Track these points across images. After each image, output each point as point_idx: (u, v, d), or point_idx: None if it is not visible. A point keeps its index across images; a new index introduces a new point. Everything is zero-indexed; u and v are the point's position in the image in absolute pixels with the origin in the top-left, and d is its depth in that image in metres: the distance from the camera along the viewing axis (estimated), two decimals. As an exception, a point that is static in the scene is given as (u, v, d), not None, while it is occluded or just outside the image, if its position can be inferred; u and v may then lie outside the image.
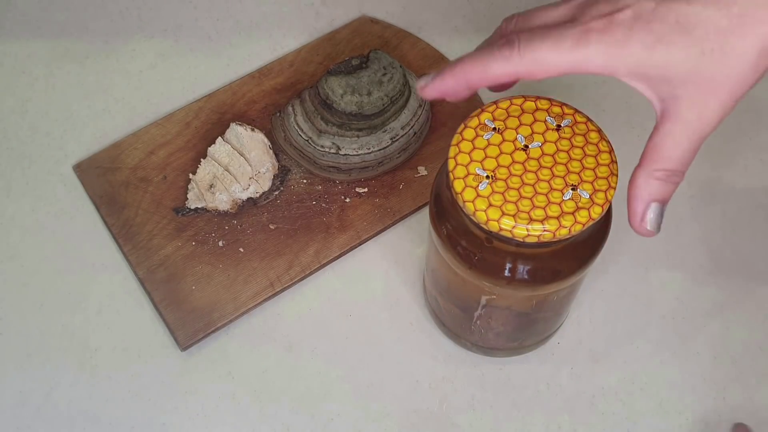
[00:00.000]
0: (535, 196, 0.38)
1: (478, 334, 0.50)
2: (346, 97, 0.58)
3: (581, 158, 0.39)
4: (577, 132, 0.39)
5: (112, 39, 0.67)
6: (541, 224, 0.37)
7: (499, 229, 0.38)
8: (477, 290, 0.44)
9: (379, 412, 0.51)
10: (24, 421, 0.51)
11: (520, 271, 0.41)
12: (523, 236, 0.37)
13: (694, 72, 0.34)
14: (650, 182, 0.36)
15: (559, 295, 0.45)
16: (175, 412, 0.51)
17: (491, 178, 0.38)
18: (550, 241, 0.38)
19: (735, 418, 0.50)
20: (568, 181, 0.38)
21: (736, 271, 0.56)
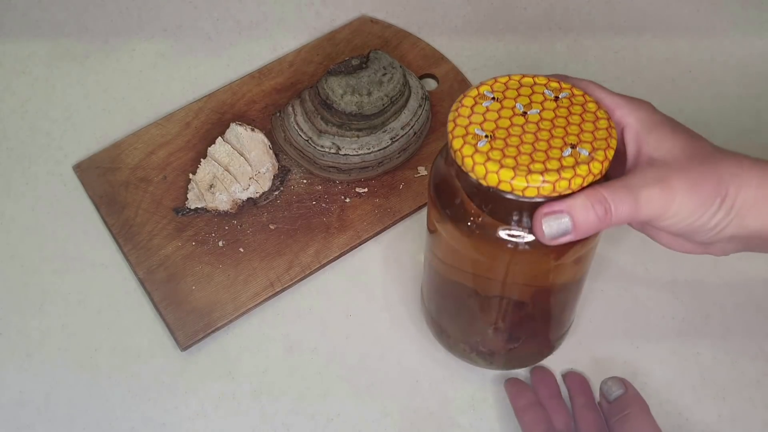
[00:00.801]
0: (534, 153, 0.38)
1: (489, 337, 0.49)
2: (346, 97, 0.58)
3: (579, 123, 0.39)
4: (575, 103, 0.40)
5: (112, 39, 0.67)
6: (541, 176, 0.37)
7: (498, 181, 0.37)
8: (488, 270, 0.44)
9: (379, 412, 0.51)
10: (24, 421, 0.51)
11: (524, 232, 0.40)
12: (522, 188, 0.37)
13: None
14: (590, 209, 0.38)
15: (570, 272, 0.44)
16: (175, 412, 0.51)
17: (490, 137, 0.38)
18: (550, 195, 0.37)
19: (735, 419, 0.50)
20: (567, 140, 0.38)
21: (736, 271, 0.56)
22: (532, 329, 0.50)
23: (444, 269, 0.47)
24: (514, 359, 0.51)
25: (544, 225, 0.38)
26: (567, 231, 0.38)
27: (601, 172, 0.38)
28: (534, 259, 0.42)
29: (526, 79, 0.41)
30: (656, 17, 0.70)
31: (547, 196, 0.38)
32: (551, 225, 0.38)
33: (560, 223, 0.38)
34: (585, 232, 0.38)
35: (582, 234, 0.38)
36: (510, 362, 0.51)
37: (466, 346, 0.50)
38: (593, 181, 0.38)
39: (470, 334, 0.50)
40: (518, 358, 0.51)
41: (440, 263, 0.47)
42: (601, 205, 0.38)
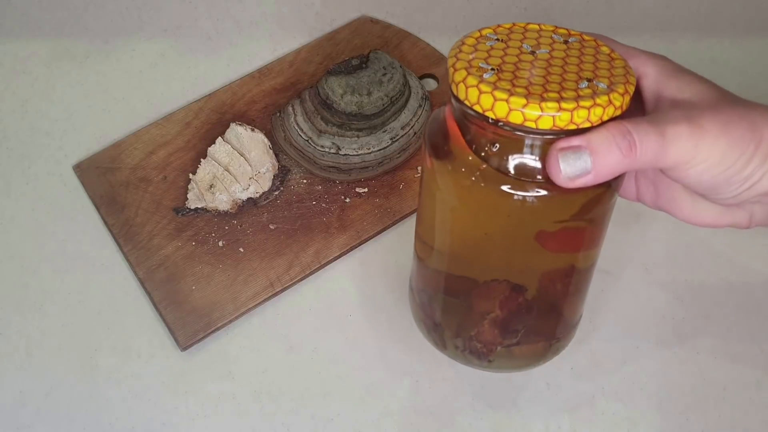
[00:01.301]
0: (546, 84, 0.34)
1: (485, 329, 0.45)
2: (346, 97, 0.58)
3: (593, 62, 0.36)
4: (586, 46, 0.37)
5: (112, 39, 0.67)
6: (557, 104, 0.33)
7: (507, 111, 0.33)
8: (491, 239, 0.40)
9: (379, 412, 0.51)
10: (24, 421, 0.51)
11: (535, 169, 0.36)
12: (535, 117, 0.33)
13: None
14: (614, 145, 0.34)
15: (582, 240, 0.40)
16: (175, 412, 0.51)
17: (497, 70, 0.34)
18: (567, 127, 0.33)
19: (735, 419, 0.50)
20: (582, 75, 0.35)
21: (737, 271, 0.56)
22: (533, 323, 0.45)
23: (440, 244, 0.43)
24: (512, 359, 0.47)
25: (560, 161, 0.33)
26: (586, 169, 0.33)
27: (622, 107, 0.34)
28: (545, 216, 0.37)
29: (532, 25, 0.38)
30: (656, 17, 0.70)
31: (564, 129, 0.33)
32: (569, 161, 0.33)
33: (579, 159, 0.33)
34: (606, 172, 0.34)
35: (603, 174, 0.34)
36: (508, 363, 0.47)
37: (460, 341, 0.46)
38: (614, 115, 0.34)
39: (464, 326, 0.46)
40: (517, 358, 0.47)
41: (436, 238, 0.43)
42: (625, 138, 0.33)
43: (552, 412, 0.51)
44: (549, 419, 0.51)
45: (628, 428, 0.51)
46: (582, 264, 0.42)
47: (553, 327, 0.46)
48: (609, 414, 0.51)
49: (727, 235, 0.57)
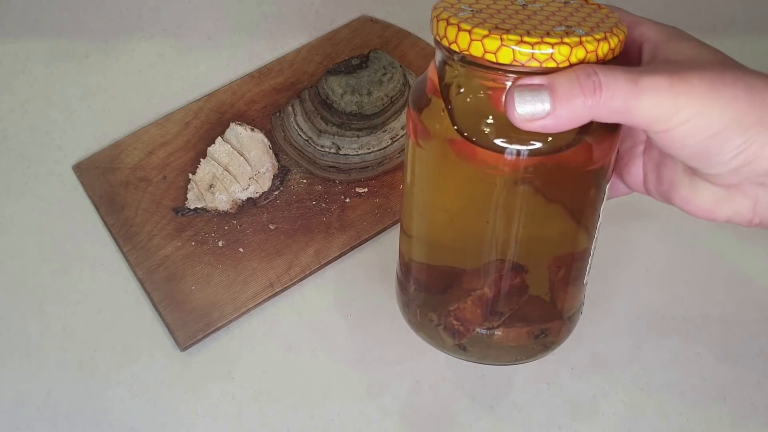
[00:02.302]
0: (519, 25, 0.32)
1: (467, 306, 0.40)
2: (346, 96, 0.58)
3: (584, 16, 0.34)
4: (586, 6, 0.35)
5: (112, 39, 0.67)
6: (519, 37, 0.31)
7: (469, 42, 0.31)
8: (474, 201, 0.37)
9: (379, 412, 0.51)
10: (24, 421, 0.51)
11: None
12: (495, 48, 0.31)
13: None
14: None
15: (583, 193, 0.37)
16: (175, 412, 0.51)
17: (474, 12, 0.33)
18: (529, 65, 0.31)
19: (736, 419, 0.50)
20: (563, 23, 0.33)
21: (737, 271, 0.56)
22: (523, 306, 0.40)
23: (422, 208, 0.40)
24: (490, 348, 0.41)
25: (517, 99, 0.31)
26: (545, 110, 0.31)
27: (596, 53, 0.32)
28: (521, 170, 0.34)
29: None
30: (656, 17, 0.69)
31: (525, 65, 0.31)
32: (525, 99, 0.31)
33: (537, 98, 0.31)
34: (567, 116, 0.31)
35: (563, 117, 0.31)
36: (484, 351, 0.41)
37: (435, 315, 0.42)
38: (585, 60, 0.32)
39: (445, 299, 0.41)
40: (495, 347, 0.41)
41: (419, 200, 0.40)
42: (589, 78, 0.30)
43: (552, 412, 0.51)
44: (549, 419, 0.51)
45: (628, 428, 0.51)
46: (573, 239, 0.39)
47: (540, 313, 0.41)
48: (609, 414, 0.51)
49: (727, 234, 0.57)
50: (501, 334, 0.41)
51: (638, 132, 0.40)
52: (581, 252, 0.40)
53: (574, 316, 0.44)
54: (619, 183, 0.42)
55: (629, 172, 0.40)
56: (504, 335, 0.41)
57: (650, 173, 0.39)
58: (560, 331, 0.43)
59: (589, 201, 0.38)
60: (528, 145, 0.34)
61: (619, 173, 0.41)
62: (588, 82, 0.31)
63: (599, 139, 0.35)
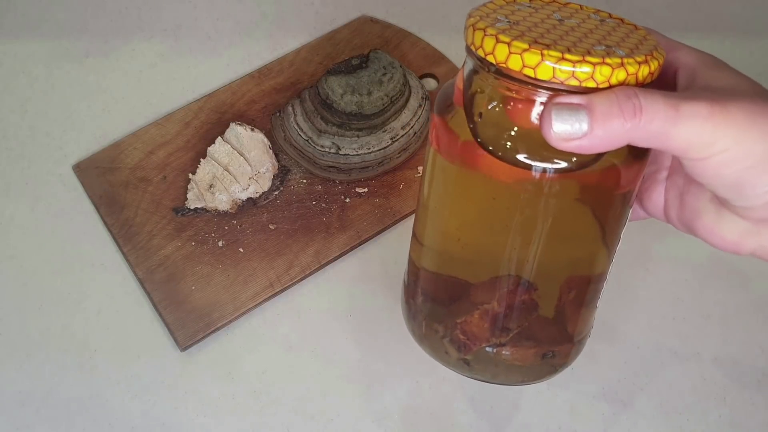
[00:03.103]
0: (559, 41, 0.31)
1: (474, 319, 0.39)
2: (346, 96, 0.58)
3: (622, 36, 0.33)
4: (622, 26, 0.34)
5: (111, 39, 0.67)
6: (560, 54, 0.30)
7: (507, 54, 0.30)
8: (493, 215, 0.36)
9: (379, 412, 0.51)
10: (24, 421, 0.51)
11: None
12: (535, 63, 0.30)
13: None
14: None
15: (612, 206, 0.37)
16: (175, 412, 0.51)
17: (512, 23, 0.32)
18: (568, 82, 0.30)
19: (736, 419, 0.50)
20: (602, 42, 0.32)
21: (737, 271, 0.56)
22: (532, 325, 0.40)
23: (438, 216, 0.39)
24: (499, 367, 0.40)
25: (554, 116, 0.30)
26: (582, 130, 0.30)
27: (637, 76, 0.31)
28: (551, 192, 0.34)
29: (572, 5, 0.36)
30: (656, 17, 0.70)
31: (565, 83, 0.30)
32: (563, 117, 0.30)
33: (575, 118, 0.30)
34: (603, 136, 0.30)
35: (599, 138, 0.30)
36: (494, 370, 0.40)
37: (441, 327, 0.41)
38: (625, 82, 0.31)
39: (452, 311, 0.41)
40: (505, 366, 0.40)
41: (435, 208, 0.39)
42: (629, 100, 0.30)
43: (552, 412, 0.51)
44: (549, 419, 0.51)
45: (628, 428, 0.51)
46: (591, 262, 0.39)
47: (549, 334, 0.41)
48: (609, 414, 0.51)
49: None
50: (507, 352, 0.40)
51: (663, 157, 0.39)
52: (597, 275, 0.39)
53: (584, 338, 0.43)
54: (638, 208, 0.41)
55: (650, 198, 0.40)
56: (511, 354, 0.40)
57: (672, 200, 0.39)
58: (569, 353, 0.42)
59: (611, 224, 0.37)
60: (554, 164, 0.33)
61: (640, 198, 0.40)
62: (628, 104, 0.30)
63: (628, 163, 0.35)
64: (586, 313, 0.41)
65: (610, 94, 0.30)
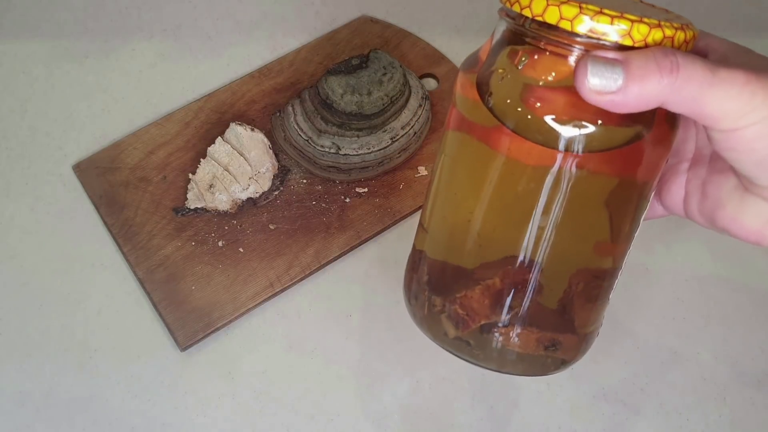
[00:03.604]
0: (609, 7, 0.31)
1: (474, 294, 0.37)
2: (346, 96, 0.58)
3: (659, 12, 0.33)
4: (665, 13, 0.34)
5: (111, 39, 0.67)
6: (598, 8, 0.30)
7: (545, 6, 0.30)
8: (539, 164, 0.34)
9: (379, 412, 0.51)
10: (24, 421, 0.51)
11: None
12: (572, 15, 0.30)
13: None
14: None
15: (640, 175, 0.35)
16: (175, 412, 0.51)
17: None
18: (604, 37, 0.30)
19: (736, 419, 0.50)
20: (646, 13, 0.32)
21: (737, 271, 0.56)
22: (533, 310, 0.37)
23: (448, 193, 0.38)
24: (500, 352, 0.38)
25: (590, 68, 0.30)
26: (616, 84, 0.30)
27: (673, 40, 0.31)
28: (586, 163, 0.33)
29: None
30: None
31: (602, 38, 0.30)
32: (598, 70, 0.30)
33: (610, 71, 0.30)
34: (637, 95, 0.30)
35: (633, 95, 0.30)
36: (494, 355, 0.38)
37: (440, 300, 0.39)
38: (661, 43, 0.31)
39: (452, 286, 0.39)
40: (505, 352, 0.38)
41: (446, 184, 0.38)
42: (667, 57, 0.29)
43: (552, 412, 0.51)
44: (549, 419, 0.51)
45: (628, 428, 0.51)
46: (608, 257, 0.37)
47: (554, 323, 0.38)
48: (609, 414, 0.51)
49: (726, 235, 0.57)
50: (509, 335, 0.38)
51: (685, 148, 0.38)
52: (609, 270, 0.38)
53: (591, 335, 0.40)
54: (655, 204, 0.40)
55: (669, 190, 0.39)
56: (511, 338, 0.38)
57: (693, 192, 0.38)
58: (573, 347, 0.39)
59: (630, 213, 0.36)
60: (581, 128, 0.32)
61: (659, 192, 0.39)
62: (665, 60, 0.29)
63: (654, 139, 0.34)
64: (594, 308, 0.39)
65: (647, 52, 0.30)
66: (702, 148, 0.38)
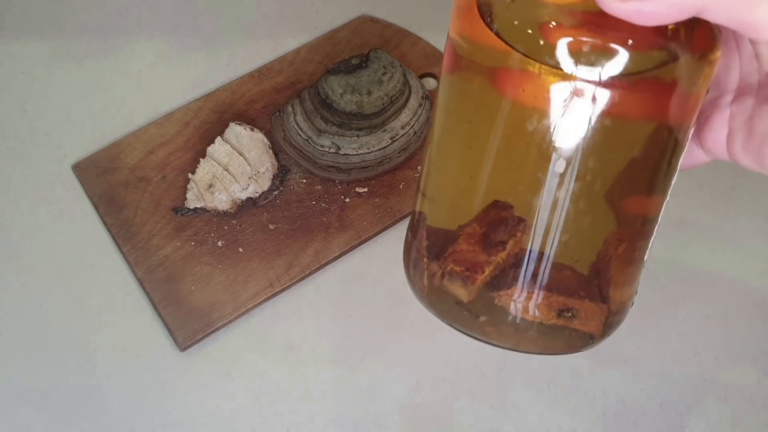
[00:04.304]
0: None
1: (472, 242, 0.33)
2: (345, 96, 0.58)
3: None
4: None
5: (111, 39, 0.67)
6: None
7: None
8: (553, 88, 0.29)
9: (379, 412, 0.51)
10: (24, 421, 0.51)
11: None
12: None
13: None
14: None
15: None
16: (175, 412, 0.51)
17: None
18: None
19: (736, 420, 0.50)
20: None
21: (737, 271, 0.56)
22: (553, 275, 0.32)
23: (448, 146, 0.34)
24: (511, 321, 0.33)
25: None
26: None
27: None
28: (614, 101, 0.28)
29: None
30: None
31: None
32: None
33: None
34: (670, 1, 0.25)
35: (665, 3, 0.25)
36: (505, 327, 0.33)
37: (436, 265, 0.35)
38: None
39: (442, 248, 0.35)
40: (515, 320, 0.33)
41: (444, 133, 0.34)
42: None
43: (552, 412, 0.51)
44: (549, 419, 0.51)
45: (628, 428, 0.51)
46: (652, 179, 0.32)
47: (569, 286, 0.33)
48: (609, 414, 0.51)
49: (727, 234, 0.57)
50: (524, 302, 0.33)
51: (727, 79, 0.34)
52: (644, 227, 0.33)
53: (618, 308, 0.35)
54: (694, 148, 0.35)
55: (711, 129, 0.34)
56: (521, 302, 0.33)
57: (738, 128, 0.33)
58: (593, 316, 0.34)
59: (666, 155, 0.31)
60: (603, 52, 0.27)
61: (698, 133, 0.35)
62: None
63: (691, 63, 0.29)
64: (624, 272, 0.34)
65: None
66: (748, 76, 0.33)
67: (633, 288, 0.36)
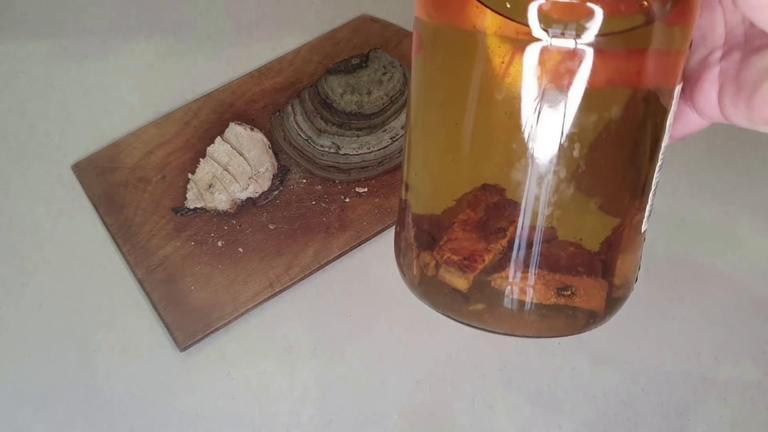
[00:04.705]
0: None
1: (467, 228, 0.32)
2: (345, 96, 0.58)
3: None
4: None
5: (111, 39, 0.67)
6: None
7: None
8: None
9: (379, 412, 0.51)
10: (23, 421, 0.51)
11: None
12: None
13: None
14: None
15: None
16: (175, 412, 0.51)
17: None
18: None
19: (736, 420, 0.50)
20: None
21: (737, 271, 0.56)
22: (552, 251, 0.31)
23: (425, 124, 0.32)
24: (507, 303, 0.31)
25: None
26: None
27: None
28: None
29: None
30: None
31: None
32: None
33: None
34: None
35: None
36: (500, 309, 0.32)
37: (429, 255, 0.33)
38: None
39: (435, 237, 0.33)
40: (512, 302, 0.32)
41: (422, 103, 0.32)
42: None
43: (552, 412, 0.51)
44: (549, 419, 0.51)
45: (628, 428, 0.50)
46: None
47: (566, 262, 0.32)
48: (609, 414, 0.51)
49: (727, 234, 0.57)
50: (511, 278, 0.31)
51: (713, 32, 0.33)
52: (634, 200, 0.32)
53: (620, 285, 0.34)
54: (689, 113, 0.35)
55: (702, 89, 0.34)
56: (517, 282, 0.31)
57: (728, 83, 0.33)
58: (593, 293, 0.33)
59: (651, 118, 0.30)
60: (583, 19, 0.26)
61: (690, 95, 0.34)
62: None
63: (672, 13, 0.28)
64: (634, 242, 0.33)
65: None
66: (733, 29, 0.33)
67: (637, 261, 0.34)
